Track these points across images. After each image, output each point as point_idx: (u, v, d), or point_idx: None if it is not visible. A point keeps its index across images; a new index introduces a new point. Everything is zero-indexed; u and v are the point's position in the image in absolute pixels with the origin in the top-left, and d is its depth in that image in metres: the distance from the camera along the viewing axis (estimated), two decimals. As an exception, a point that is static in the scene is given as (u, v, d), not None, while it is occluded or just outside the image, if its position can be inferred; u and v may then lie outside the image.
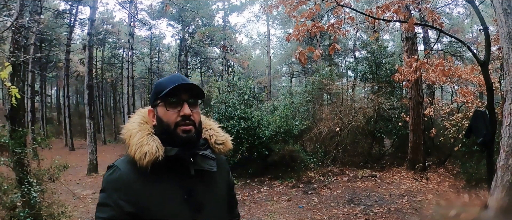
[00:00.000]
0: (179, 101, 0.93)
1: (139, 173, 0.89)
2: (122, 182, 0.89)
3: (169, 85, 0.92)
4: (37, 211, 3.64)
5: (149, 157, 0.88)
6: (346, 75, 18.69)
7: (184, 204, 0.91)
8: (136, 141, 0.90)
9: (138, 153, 0.88)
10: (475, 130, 4.45)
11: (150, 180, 0.89)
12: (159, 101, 0.94)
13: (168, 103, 0.93)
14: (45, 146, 4.32)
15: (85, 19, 15.79)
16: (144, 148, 0.88)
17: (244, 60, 20.32)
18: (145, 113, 1.01)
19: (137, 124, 0.97)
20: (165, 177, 0.91)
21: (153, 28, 19.85)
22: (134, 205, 0.87)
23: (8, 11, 10.83)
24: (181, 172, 0.93)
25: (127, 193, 0.88)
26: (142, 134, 0.93)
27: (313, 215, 5.23)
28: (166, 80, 0.96)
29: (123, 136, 0.96)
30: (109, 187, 0.90)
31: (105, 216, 0.87)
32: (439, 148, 8.57)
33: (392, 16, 4.75)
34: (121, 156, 0.99)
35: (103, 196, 0.89)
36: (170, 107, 0.93)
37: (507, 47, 3.53)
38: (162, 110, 0.94)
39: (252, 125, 7.65)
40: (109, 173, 0.92)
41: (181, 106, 0.93)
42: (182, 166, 0.93)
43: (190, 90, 0.94)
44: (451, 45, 13.15)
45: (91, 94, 10.70)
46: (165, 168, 0.91)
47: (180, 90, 0.92)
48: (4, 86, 2.50)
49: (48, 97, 24.22)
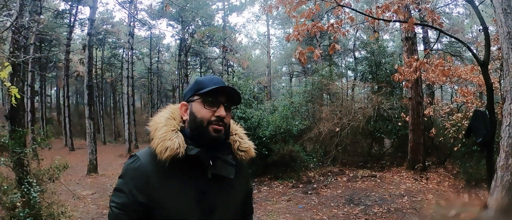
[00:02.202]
0: (217, 102, 0.96)
1: (158, 166, 0.91)
2: (140, 172, 0.91)
3: (211, 85, 0.95)
4: (37, 211, 3.64)
5: (169, 152, 0.89)
6: (346, 75, 18.71)
7: (196, 205, 0.92)
8: (160, 134, 0.92)
9: (160, 147, 0.90)
10: (475, 130, 4.45)
11: (167, 176, 0.91)
12: (197, 98, 0.97)
13: (206, 101, 0.95)
14: (45, 146, 4.31)
15: (85, 19, 15.82)
16: (167, 142, 0.90)
17: (244, 60, 20.34)
18: (175, 109, 1.03)
19: (165, 118, 0.98)
20: (182, 174, 0.93)
21: (153, 28, 19.89)
22: (147, 197, 0.89)
23: (8, 11, 10.83)
24: (198, 173, 0.94)
25: (143, 183, 0.90)
26: (167, 128, 0.94)
27: (313, 215, 5.23)
28: (207, 80, 0.99)
29: (149, 128, 0.98)
30: (127, 174, 0.92)
31: (119, 201, 0.90)
32: (439, 148, 8.58)
33: (392, 16, 4.75)
34: (143, 148, 1.01)
35: (121, 182, 0.93)
36: (208, 106, 0.95)
37: (507, 47, 3.54)
38: (198, 106, 0.96)
39: (252, 125, 7.64)
40: (130, 162, 0.95)
41: (217, 107, 0.95)
42: (200, 167, 0.94)
43: (229, 94, 0.98)
44: (451, 45, 13.15)
45: (91, 95, 10.70)
46: (184, 166, 0.92)
47: (220, 92, 0.95)
48: (4, 86, 2.50)
49: (48, 97, 24.21)
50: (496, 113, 4.70)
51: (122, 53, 21.50)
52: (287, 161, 7.57)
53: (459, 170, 7.13)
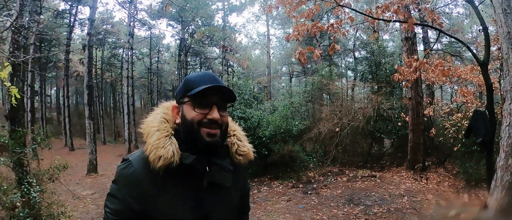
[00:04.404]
0: (208, 103, 0.88)
1: (151, 173, 0.87)
2: (134, 179, 0.87)
3: (200, 85, 0.88)
4: (36, 211, 3.64)
5: (163, 162, 0.85)
6: (345, 75, 18.69)
7: (191, 212, 0.89)
8: (153, 141, 0.87)
9: (153, 155, 0.86)
10: (475, 130, 4.45)
11: (161, 183, 0.87)
12: (187, 100, 0.90)
13: (197, 103, 0.88)
14: (45, 146, 4.32)
15: (85, 19, 15.81)
16: (160, 151, 0.85)
17: (243, 60, 20.32)
18: (168, 109, 0.96)
19: (158, 121, 0.93)
20: (177, 182, 0.89)
21: (153, 28, 19.87)
22: (142, 204, 0.86)
23: (8, 11, 10.83)
24: (193, 181, 0.90)
25: (137, 191, 0.87)
26: (161, 134, 0.89)
27: (312, 215, 5.23)
28: (197, 78, 0.91)
29: (142, 131, 0.93)
30: (120, 180, 0.89)
31: (113, 207, 0.87)
32: (439, 148, 8.58)
33: (392, 16, 4.75)
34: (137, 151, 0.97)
35: (114, 187, 0.89)
36: (198, 108, 0.88)
37: (507, 47, 3.54)
38: (188, 109, 0.89)
39: (252, 125, 7.65)
40: (123, 167, 0.90)
41: (210, 109, 0.88)
42: (196, 174, 0.89)
43: (222, 92, 0.90)
44: (450, 45, 13.15)
45: (91, 95, 10.70)
46: (178, 174, 0.88)
47: (211, 91, 0.88)
48: (4, 86, 2.50)
49: (47, 97, 24.21)
50: (496, 113, 4.69)
51: (122, 53, 21.48)
52: (287, 161, 7.57)
53: (459, 170, 7.13)
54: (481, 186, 5.74)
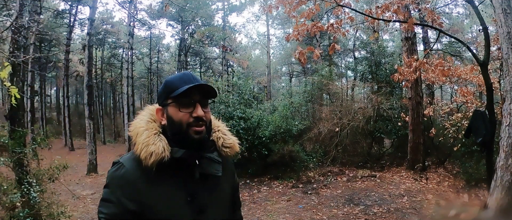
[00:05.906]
0: (191, 102, 0.92)
1: (144, 171, 0.88)
2: (127, 179, 0.88)
3: (181, 86, 0.91)
4: (36, 211, 3.64)
5: (155, 157, 0.87)
6: (345, 75, 18.68)
7: (187, 206, 0.91)
8: (143, 139, 0.90)
9: (144, 152, 0.88)
10: (475, 130, 4.45)
11: (154, 180, 0.89)
12: (170, 101, 0.93)
13: (181, 103, 0.91)
14: (45, 146, 4.32)
15: (85, 19, 15.80)
16: (150, 147, 0.88)
17: (243, 60, 20.32)
18: (153, 111, 0.99)
19: (145, 122, 0.95)
20: (169, 177, 0.91)
21: (153, 28, 19.83)
22: (137, 204, 0.87)
23: (8, 11, 10.82)
24: (186, 174, 0.92)
25: (131, 191, 0.87)
26: (149, 133, 0.92)
27: (312, 215, 5.23)
28: (177, 80, 0.94)
29: (130, 133, 0.95)
30: (113, 183, 0.89)
31: (107, 211, 0.87)
32: (439, 148, 8.58)
33: (392, 16, 4.75)
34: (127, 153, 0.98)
35: (107, 191, 0.89)
36: (183, 108, 0.91)
37: (507, 47, 3.54)
38: (173, 110, 0.92)
39: (252, 125, 7.65)
40: (114, 169, 0.91)
41: (193, 107, 0.92)
42: (187, 168, 0.92)
43: (203, 90, 0.93)
44: (450, 45, 13.14)
45: (91, 95, 10.70)
46: (171, 169, 0.90)
47: (193, 91, 0.91)
48: (4, 86, 2.50)
49: (47, 97, 24.19)
50: (496, 113, 4.70)
51: (122, 53, 21.48)
52: (287, 161, 7.57)
53: (459, 170, 7.13)
54: (481, 186, 5.74)
